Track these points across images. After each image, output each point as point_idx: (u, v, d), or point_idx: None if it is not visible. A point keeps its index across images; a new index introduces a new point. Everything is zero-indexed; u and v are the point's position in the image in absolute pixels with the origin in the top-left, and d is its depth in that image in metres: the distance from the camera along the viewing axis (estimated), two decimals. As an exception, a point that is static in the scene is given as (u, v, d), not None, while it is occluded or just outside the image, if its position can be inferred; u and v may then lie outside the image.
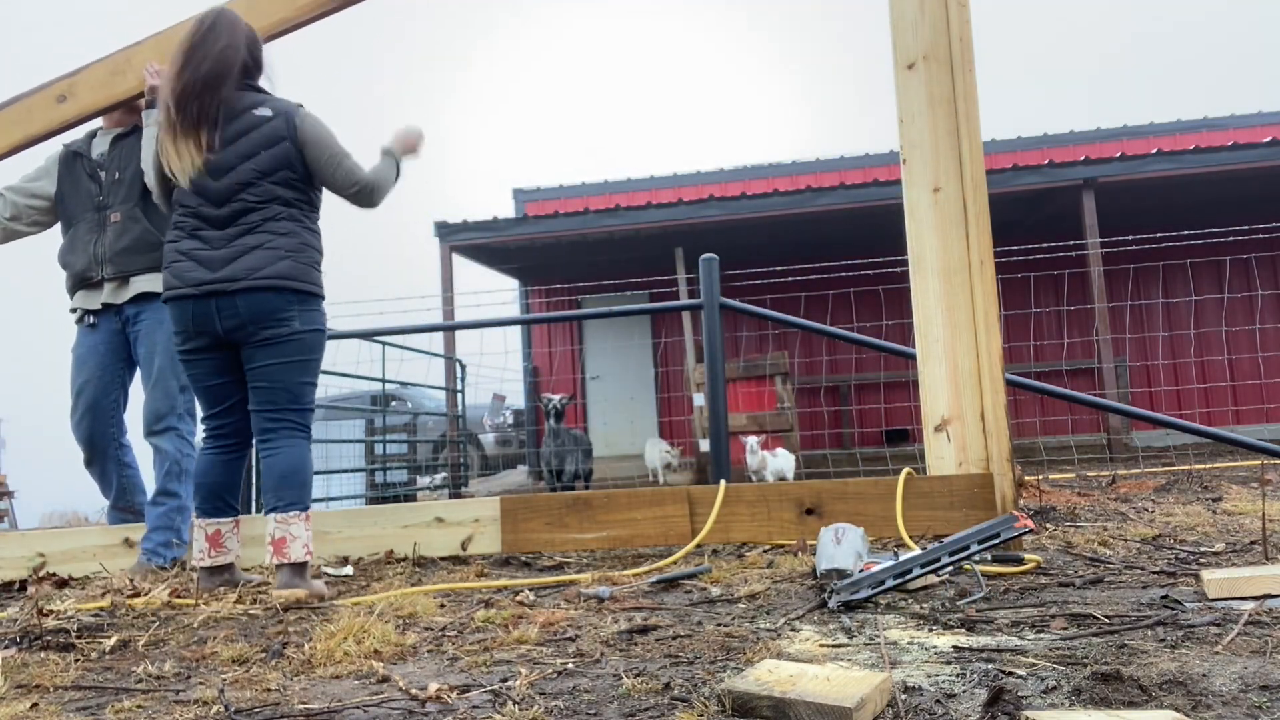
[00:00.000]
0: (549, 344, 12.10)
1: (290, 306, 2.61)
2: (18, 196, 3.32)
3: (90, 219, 3.23)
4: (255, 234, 2.60)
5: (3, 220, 3.30)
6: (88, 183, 3.27)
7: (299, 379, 2.65)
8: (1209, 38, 75.80)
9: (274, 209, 2.63)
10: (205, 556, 2.66)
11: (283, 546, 2.51)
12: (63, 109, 3.28)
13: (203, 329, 2.61)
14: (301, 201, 2.70)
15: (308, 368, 2.68)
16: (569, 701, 1.38)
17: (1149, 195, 9.33)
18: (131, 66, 3.23)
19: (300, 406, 2.66)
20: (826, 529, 2.37)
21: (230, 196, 2.60)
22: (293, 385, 2.64)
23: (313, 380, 2.71)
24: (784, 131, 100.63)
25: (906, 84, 2.96)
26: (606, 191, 12.47)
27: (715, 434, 4.28)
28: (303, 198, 2.70)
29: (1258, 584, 1.82)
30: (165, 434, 3.15)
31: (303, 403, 2.67)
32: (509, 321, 7.90)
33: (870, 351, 9.84)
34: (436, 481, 9.49)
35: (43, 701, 1.56)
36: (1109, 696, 1.22)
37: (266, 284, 2.56)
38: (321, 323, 2.72)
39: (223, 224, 2.61)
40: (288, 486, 2.57)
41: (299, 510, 2.56)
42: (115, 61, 3.24)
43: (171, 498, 3.13)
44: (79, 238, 3.24)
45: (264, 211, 2.62)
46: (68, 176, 3.31)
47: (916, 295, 2.92)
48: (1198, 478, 4.82)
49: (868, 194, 9.03)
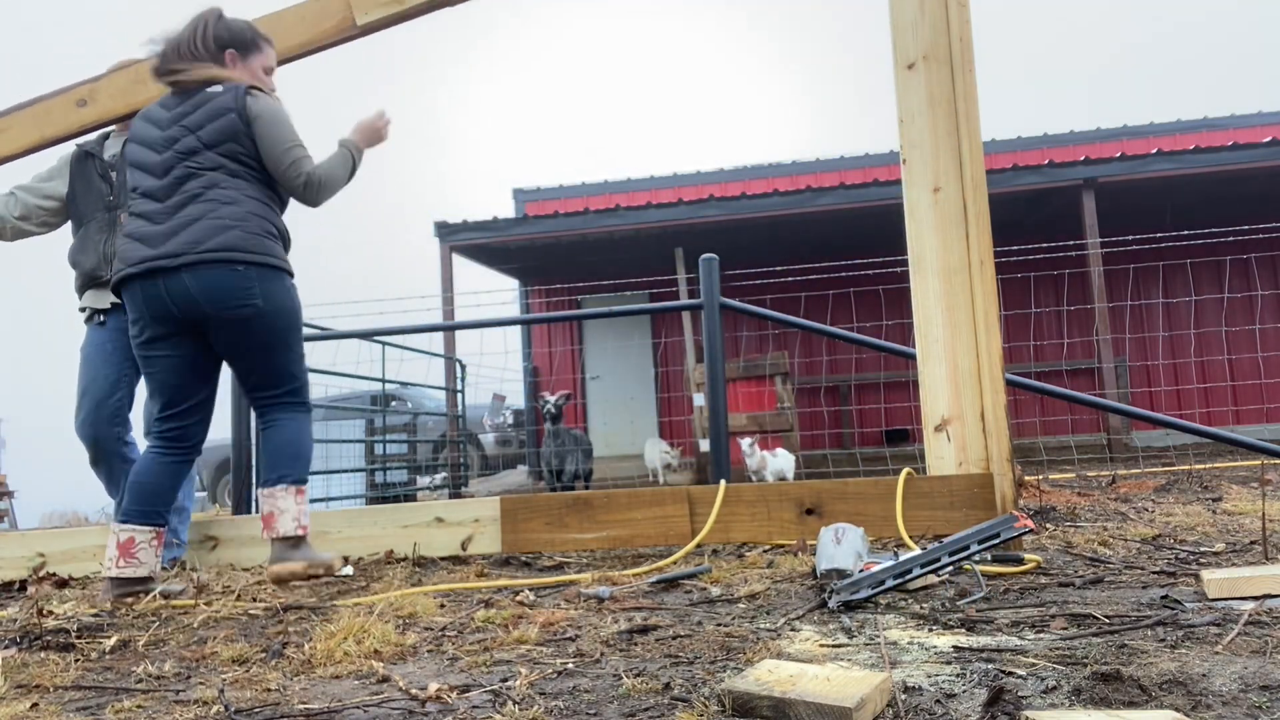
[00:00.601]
0: (549, 344, 12.10)
1: (248, 284, 2.42)
2: (29, 196, 3.34)
3: (101, 219, 3.26)
4: (197, 203, 2.44)
5: (12, 219, 3.31)
6: (99, 183, 3.30)
7: (279, 359, 2.53)
8: (1209, 38, 75.81)
9: (217, 176, 2.47)
10: (113, 565, 2.46)
11: (271, 521, 2.44)
12: (82, 113, 3.29)
13: (157, 314, 2.44)
14: (248, 174, 2.52)
15: (286, 346, 2.54)
16: (569, 701, 1.38)
17: (1149, 195, 9.33)
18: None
19: (291, 385, 2.57)
20: (826, 529, 2.37)
21: (172, 165, 2.48)
22: (275, 367, 2.53)
23: (296, 353, 2.58)
24: (784, 131, 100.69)
25: (906, 84, 2.96)
26: (606, 191, 12.47)
27: (715, 434, 4.28)
28: (254, 172, 2.53)
29: (1258, 584, 1.82)
30: None
31: (292, 380, 2.57)
32: (509, 321, 7.89)
33: (870, 351, 9.84)
34: (436, 481, 9.48)
35: (43, 701, 1.56)
36: (1109, 696, 1.22)
37: (214, 257, 2.38)
38: (287, 296, 2.53)
39: (164, 195, 2.47)
40: (279, 460, 2.49)
41: (289, 483, 2.46)
42: (138, 70, 3.24)
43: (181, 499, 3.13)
44: (90, 237, 3.26)
45: (205, 179, 2.47)
46: (79, 176, 3.34)
47: (916, 295, 2.92)
48: (1198, 478, 4.82)
49: (868, 194, 9.04)
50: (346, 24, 3.14)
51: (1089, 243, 8.52)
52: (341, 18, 3.13)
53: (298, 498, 2.48)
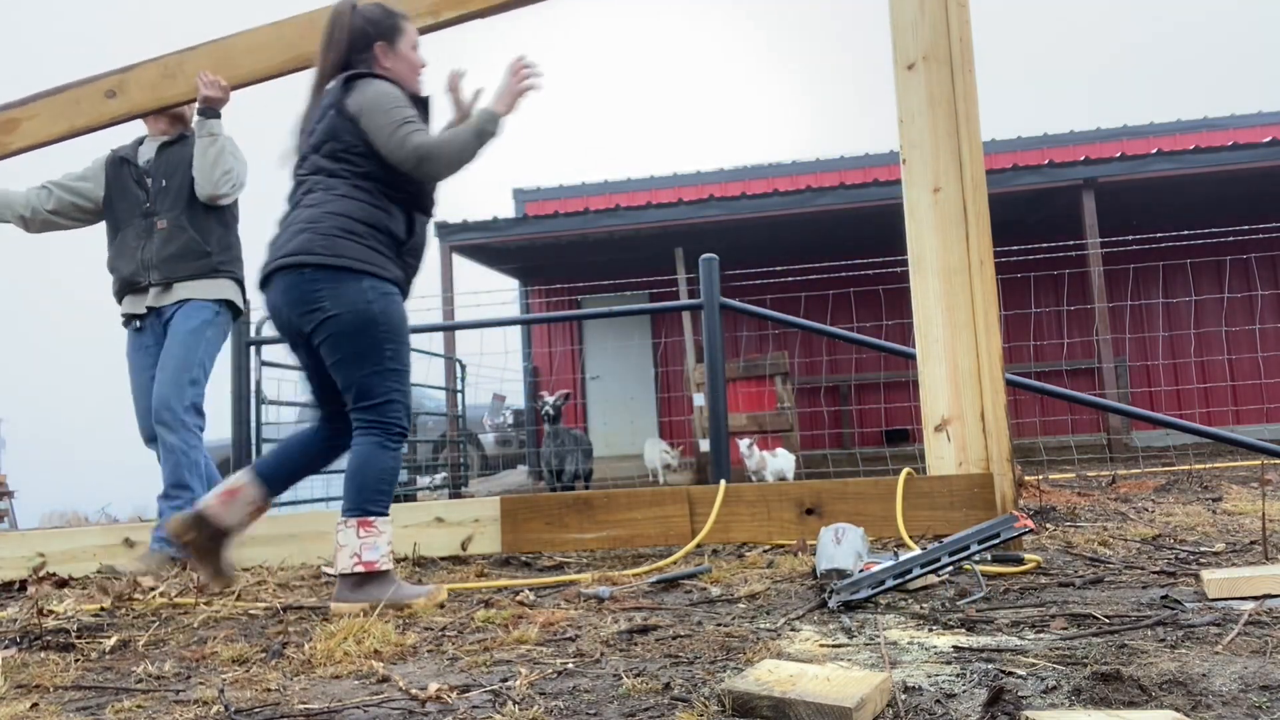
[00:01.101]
0: (549, 344, 12.10)
1: (315, 287, 2.27)
2: (63, 193, 3.40)
3: (138, 225, 3.33)
4: (294, 211, 2.39)
5: (43, 211, 3.37)
6: (135, 189, 3.36)
7: (357, 372, 2.29)
8: (1209, 38, 75.81)
9: (315, 180, 2.39)
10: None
11: (335, 557, 2.26)
12: (111, 105, 3.28)
13: (276, 325, 2.42)
14: (346, 170, 2.37)
15: (358, 356, 2.29)
16: (569, 701, 1.38)
17: (1149, 195, 9.33)
18: (184, 71, 3.24)
19: (362, 401, 2.31)
20: (826, 529, 2.37)
21: (293, 177, 2.46)
22: (347, 379, 2.31)
23: (377, 368, 2.30)
24: (784, 131, 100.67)
25: (906, 84, 2.96)
26: (606, 191, 12.48)
27: (715, 434, 4.28)
28: (347, 167, 2.37)
29: (1258, 584, 1.82)
30: (168, 425, 3.17)
31: (371, 397, 2.30)
32: (509, 321, 7.89)
33: (870, 351, 9.83)
34: (436, 481, 9.48)
35: (43, 701, 1.56)
36: (1109, 696, 1.22)
37: (283, 263, 2.29)
38: (361, 300, 2.28)
39: (289, 206, 2.45)
40: (347, 490, 2.29)
41: (350, 515, 2.26)
42: (167, 64, 3.23)
43: (184, 490, 3.15)
44: (126, 243, 3.33)
45: (305, 184, 2.40)
46: (115, 182, 3.40)
47: (916, 295, 2.92)
48: (1198, 478, 4.82)
49: (868, 194, 9.03)
50: (426, 16, 3.13)
51: (1089, 243, 8.52)
52: (430, 4, 3.11)
53: (360, 530, 2.24)
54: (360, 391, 2.30)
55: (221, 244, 3.35)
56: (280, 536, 3.21)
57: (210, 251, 3.31)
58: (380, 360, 2.32)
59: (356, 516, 2.26)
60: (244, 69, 3.24)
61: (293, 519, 3.41)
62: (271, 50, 3.22)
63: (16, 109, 3.35)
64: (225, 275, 3.35)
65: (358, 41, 2.49)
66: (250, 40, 3.24)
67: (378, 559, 2.25)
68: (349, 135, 2.37)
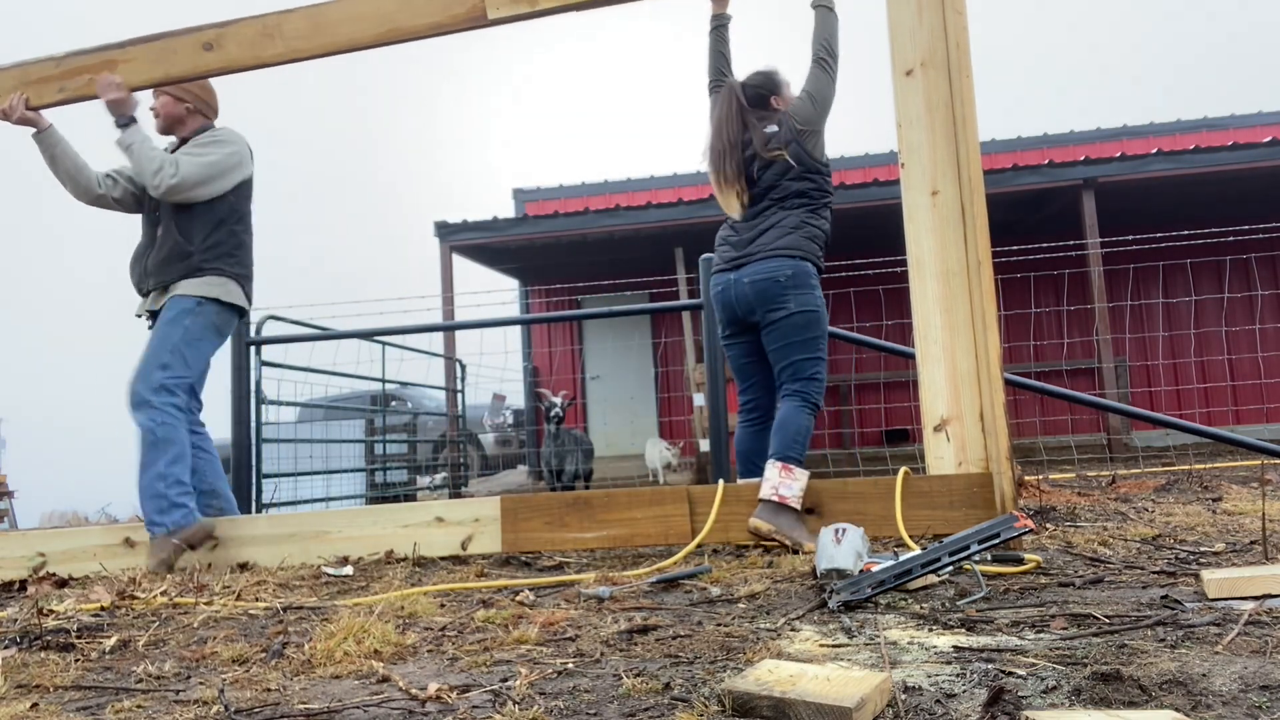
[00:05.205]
0: (549, 344, 12.10)
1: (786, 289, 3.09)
2: (125, 183, 3.48)
3: (147, 232, 3.46)
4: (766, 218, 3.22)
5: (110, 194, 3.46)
6: (147, 196, 3.45)
7: (795, 356, 3.09)
8: (1209, 38, 75.78)
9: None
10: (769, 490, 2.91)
11: (763, 484, 2.88)
12: (207, 57, 3.27)
13: (724, 312, 3.22)
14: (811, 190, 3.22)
15: (806, 345, 3.08)
16: (569, 701, 1.38)
17: (1149, 195, 9.33)
18: (282, 34, 3.20)
19: (801, 377, 3.08)
20: (826, 529, 2.37)
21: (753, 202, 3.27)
22: (789, 362, 3.10)
23: (813, 355, 3.10)
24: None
25: (905, 90, 2.97)
26: (606, 191, 12.48)
27: (715, 434, 4.28)
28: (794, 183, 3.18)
29: (1258, 584, 1.82)
30: (133, 405, 3.19)
31: (802, 375, 3.08)
32: (509, 321, 7.90)
33: (870, 351, 9.83)
34: (436, 481, 9.49)
35: (43, 701, 1.56)
36: (1109, 696, 1.22)
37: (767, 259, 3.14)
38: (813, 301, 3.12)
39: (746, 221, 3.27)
40: (775, 437, 2.97)
41: (774, 459, 2.91)
42: (267, 23, 3.19)
43: (149, 466, 3.14)
44: (139, 250, 3.47)
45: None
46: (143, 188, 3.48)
47: (915, 297, 2.92)
48: (1198, 478, 4.82)
49: (867, 194, 9.04)
50: (477, 13, 3.09)
51: (1089, 243, 8.52)
52: (473, 5, 3.08)
53: (782, 471, 2.88)
54: (793, 370, 3.11)
55: (207, 242, 3.35)
56: (280, 536, 3.21)
57: (192, 251, 3.33)
58: (815, 349, 3.15)
59: (779, 461, 2.91)
60: (342, 37, 3.19)
61: (293, 519, 3.40)
62: (368, 22, 3.17)
63: (115, 50, 3.35)
64: (211, 272, 3.34)
65: (758, 103, 3.35)
66: (348, 9, 3.19)
67: (790, 496, 2.86)
68: (805, 154, 3.24)
